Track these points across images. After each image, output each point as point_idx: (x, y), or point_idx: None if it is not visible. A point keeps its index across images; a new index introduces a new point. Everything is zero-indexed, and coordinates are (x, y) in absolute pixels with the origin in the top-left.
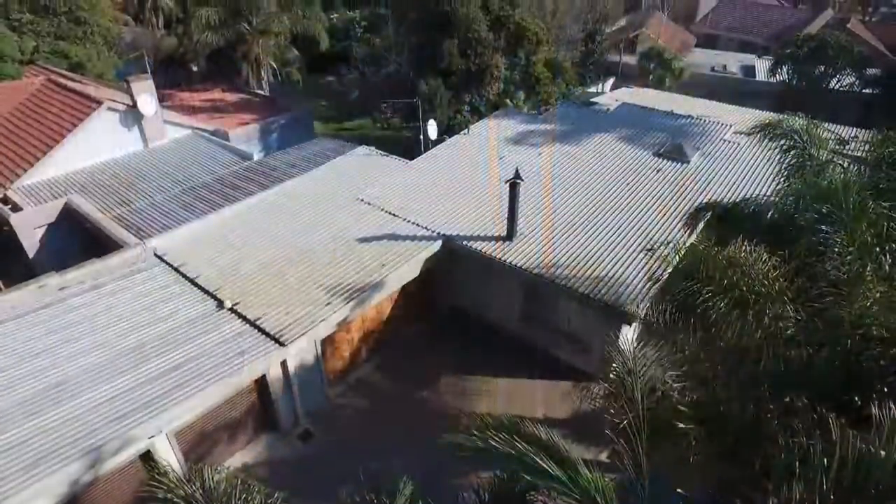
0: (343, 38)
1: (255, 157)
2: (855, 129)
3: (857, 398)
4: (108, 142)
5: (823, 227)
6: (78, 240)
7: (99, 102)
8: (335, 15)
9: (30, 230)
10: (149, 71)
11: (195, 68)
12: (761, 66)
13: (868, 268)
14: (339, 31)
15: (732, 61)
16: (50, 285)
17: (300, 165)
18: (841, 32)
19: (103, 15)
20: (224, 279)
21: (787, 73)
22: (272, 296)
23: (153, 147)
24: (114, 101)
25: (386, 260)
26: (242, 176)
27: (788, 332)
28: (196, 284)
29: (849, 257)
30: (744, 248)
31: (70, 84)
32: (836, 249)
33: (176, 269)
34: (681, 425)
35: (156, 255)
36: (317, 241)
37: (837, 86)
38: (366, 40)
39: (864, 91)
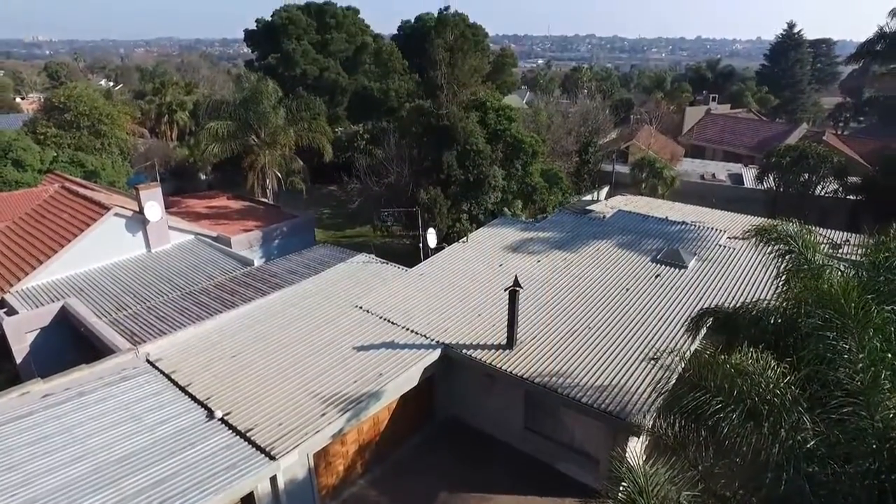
0: (346, 150)
1: (256, 263)
2: (845, 233)
3: None
4: (113, 246)
5: (828, 333)
6: (71, 344)
7: (107, 208)
8: (340, 128)
9: (20, 335)
10: (158, 179)
11: (203, 177)
12: (748, 175)
13: (882, 375)
14: (342, 143)
15: (720, 170)
16: (33, 392)
17: (300, 272)
18: (818, 144)
19: (122, 129)
20: (216, 387)
21: (774, 181)
22: (265, 405)
23: (156, 252)
24: (122, 207)
25: (384, 369)
26: (242, 282)
27: (809, 445)
28: (187, 393)
29: (860, 365)
30: (750, 355)
31: (82, 191)
32: (846, 356)
33: (167, 376)
34: None
35: (148, 360)
36: (314, 348)
37: (822, 192)
38: (368, 152)
39: (848, 197)
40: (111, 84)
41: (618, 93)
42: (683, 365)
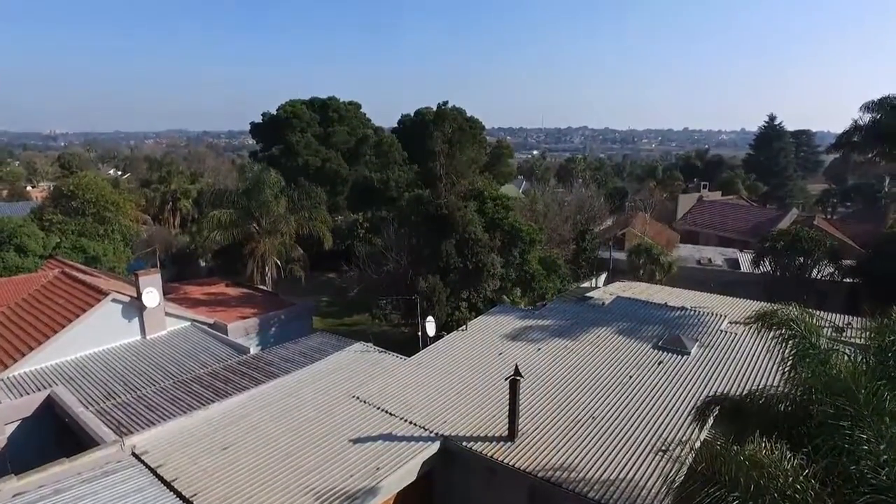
0: (346, 238)
1: (252, 351)
2: (846, 316)
3: None
4: (107, 332)
5: (843, 422)
6: (54, 436)
7: (105, 294)
8: (340, 217)
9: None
10: (159, 265)
11: (203, 263)
12: (744, 259)
13: None
14: (342, 231)
15: (716, 255)
16: (3, 491)
17: (296, 360)
18: (810, 228)
19: (126, 215)
20: (205, 482)
21: (770, 265)
22: (254, 502)
23: (151, 338)
24: (119, 293)
25: (382, 462)
26: (236, 370)
27: None
28: (172, 489)
29: (884, 457)
30: (764, 445)
31: (81, 276)
32: (865, 447)
33: (153, 471)
34: None
35: (134, 453)
36: (309, 440)
37: (819, 275)
38: (368, 240)
39: (844, 280)
40: (119, 173)
41: (612, 182)
42: (693, 456)
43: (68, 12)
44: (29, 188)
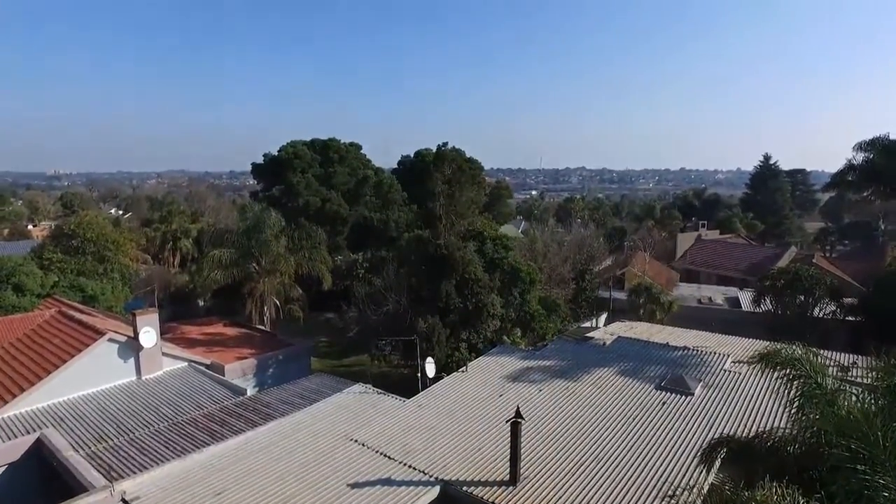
0: (346, 278)
1: (249, 393)
2: (851, 355)
3: None
4: (102, 373)
5: (859, 466)
6: (43, 482)
7: (101, 333)
8: (340, 257)
9: None
10: (157, 304)
11: (201, 303)
12: (745, 298)
13: None
14: (342, 272)
15: (717, 294)
16: None
17: (293, 402)
18: (809, 266)
19: (126, 254)
20: None
21: (771, 303)
22: None
23: (146, 378)
24: (116, 332)
25: None
26: (233, 412)
27: None
28: None
29: None
30: (775, 490)
31: (78, 315)
32: (886, 494)
33: None
34: None
35: (124, 499)
36: (306, 485)
37: (821, 313)
38: (367, 280)
39: (847, 318)
40: (120, 212)
41: (610, 221)
42: (702, 502)
43: (73, 54)
44: (30, 227)
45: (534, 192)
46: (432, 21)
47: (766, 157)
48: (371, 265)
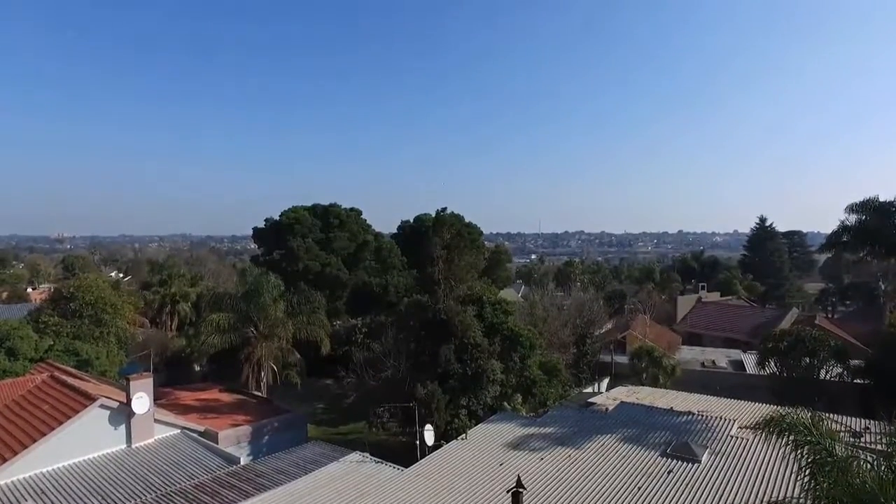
0: (344, 343)
1: (243, 461)
2: (862, 420)
3: None
4: (91, 440)
5: None
6: None
7: (93, 399)
8: (339, 322)
9: None
10: (152, 369)
11: (198, 368)
12: (748, 360)
13: None
14: (341, 336)
15: (720, 357)
16: None
17: (288, 472)
18: (812, 328)
19: (124, 318)
20: None
21: (775, 366)
22: None
23: (136, 447)
24: (108, 398)
25: None
26: (225, 482)
27: None
28: None
29: None
30: None
31: (70, 381)
32: None
33: None
34: None
35: None
36: None
37: (827, 376)
38: (366, 345)
39: (855, 381)
40: (121, 275)
41: (610, 285)
42: None
43: (77, 121)
44: (29, 290)
45: (533, 257)
46: (439, 90)
47: (762, 220)
48: (370, 330)
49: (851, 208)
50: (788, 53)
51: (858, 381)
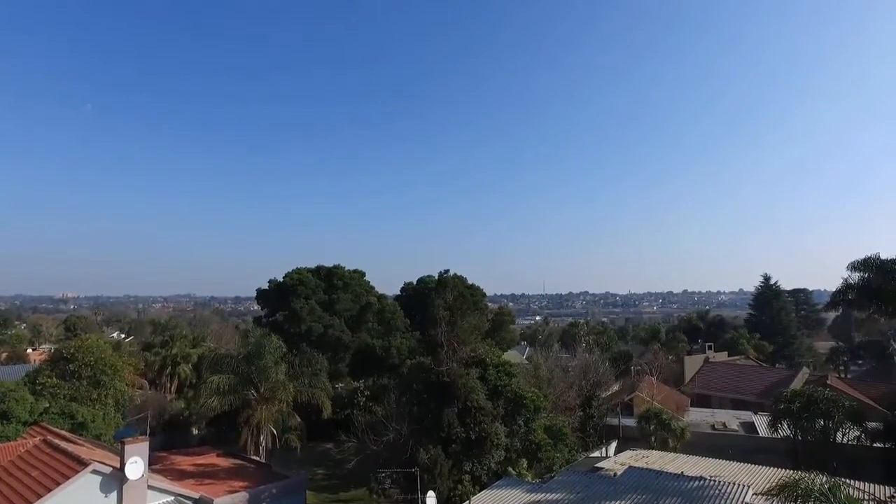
0: (346, 406)
1: None
2: (887, 487)
3: None
4: None
5: None
6: None
7: (84, 464)
8: (340, 384)
9: None
10: (149, 432)
11: (196, 431)
12: (760, 422)
13: None
14: (342, 399)
15: (731, 418)
16: None
17: None
18: (824, 388)
19: (123, 379)
20: None
21: (789, 428)
22: None
23: None
24: (102, 462)
25: None
26: None
27: None
28: None
29: None
30: None
31: (63, 445)
32: None
33: None
34: None
35: None
36: None
37: (844, 439)
38: (368, 409)
39: (875, 444)
40: (123, 336)
41: (615, 345)
42: None
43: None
44: (29, 351)
45: (538, 318)
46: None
47: (766, 278)
48: (372, 393)
49: (854, 266)
50: (793, 114)
51: (878, 444)
